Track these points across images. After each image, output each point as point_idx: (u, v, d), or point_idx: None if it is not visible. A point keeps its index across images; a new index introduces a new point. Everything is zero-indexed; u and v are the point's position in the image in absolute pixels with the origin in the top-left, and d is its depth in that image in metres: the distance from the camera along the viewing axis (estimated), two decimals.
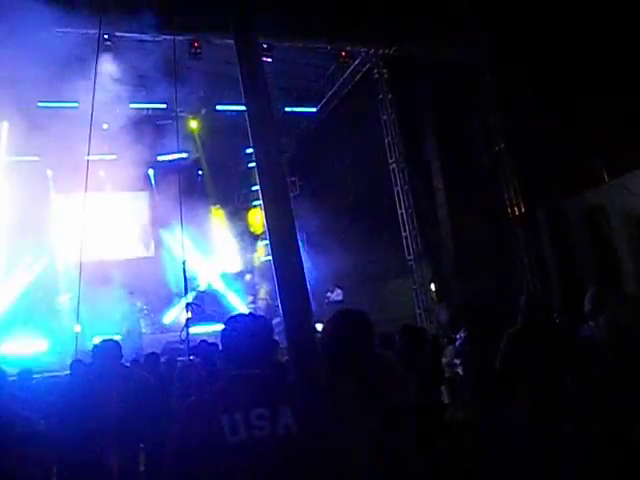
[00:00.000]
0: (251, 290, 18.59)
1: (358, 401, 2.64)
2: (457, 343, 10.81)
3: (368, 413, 2.63)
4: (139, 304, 15.91)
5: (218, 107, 18.10)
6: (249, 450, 2.37)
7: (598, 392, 4.35)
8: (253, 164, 13.80)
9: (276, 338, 3.81)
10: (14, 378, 6.87)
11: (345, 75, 17.72)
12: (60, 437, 4.79)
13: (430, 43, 15.81)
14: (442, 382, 8.40)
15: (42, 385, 7.70)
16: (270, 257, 2.59)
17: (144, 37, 14.69)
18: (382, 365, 2.92)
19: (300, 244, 2.83)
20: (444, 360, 10.91)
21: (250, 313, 2.90)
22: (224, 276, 19.08)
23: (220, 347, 2.84)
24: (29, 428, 3.61)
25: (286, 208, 2.75)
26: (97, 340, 5.72)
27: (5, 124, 16.79)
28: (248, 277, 19.51)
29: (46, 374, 10.41)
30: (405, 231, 16.04)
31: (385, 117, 16.55)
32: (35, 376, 8.50)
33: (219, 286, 18.66)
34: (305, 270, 2.79)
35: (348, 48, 16.87)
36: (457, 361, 11.80)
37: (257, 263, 20.02)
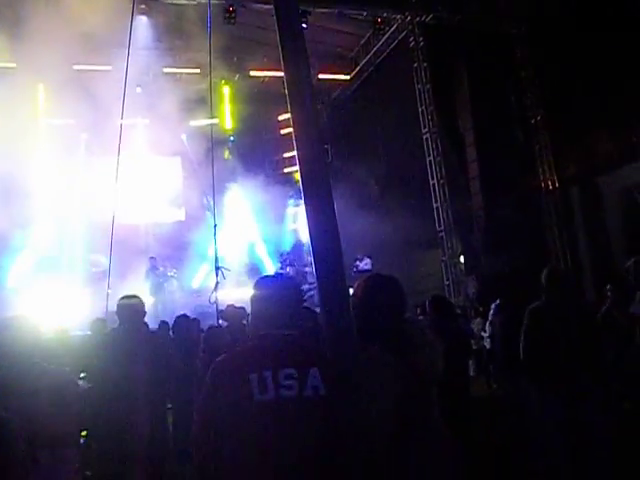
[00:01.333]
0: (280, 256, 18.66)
1: (384, 366, 2.64)
2: (489, 315, 10.81)
3: (393, 379, 2.63)
4: (162, 269, 16.02)
5: (252, 73, 18.01)
6: (276, 409, 2.39)
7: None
8: (285, 130, 13.72)
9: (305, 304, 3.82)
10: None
11: (380, 43, 17.49)
12: (93, 397, 4.85)
13: (466, 11, 15.54)
14: (469, 355, 8.38)
15: (75, 343, 7.79)
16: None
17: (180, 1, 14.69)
18: (412, 331, 2.91)
19: None
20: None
21: (280, 274, 2.91)
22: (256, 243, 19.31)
23: (249, 308, 2.84)
24: (74, 387, 3.67)
25: (323, 175, 2.73)
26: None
27: (41, 86, 16.89)
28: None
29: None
30: (436, 202, 15.93)
31: (420, 86, 16.34)
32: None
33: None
34: None
35: (384, 15, 16.67)
36: (485, 334, 11.82)
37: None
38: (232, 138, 19.04)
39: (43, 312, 12.67)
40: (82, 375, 5.52)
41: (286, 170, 19.60)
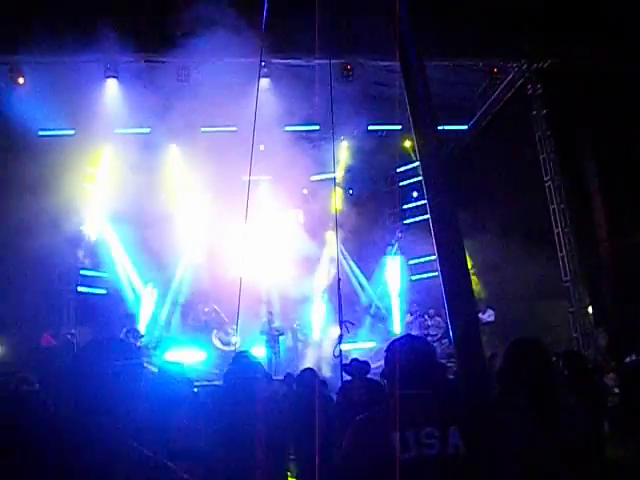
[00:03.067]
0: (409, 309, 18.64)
1: (533, 423, 2.61)
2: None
3: (542, 438, 2.59)
4: (277, 323, 16.40)
5: (370, 127, 18.37)
6: (419, 467, 2.41)
7: None
8: (404, 182, 13.84)
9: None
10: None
11: (497, 92, 17.38)
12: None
13: (587, 56, 15.15)
14: (606, 414, 7.89)
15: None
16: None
17: (299, 62, 15.34)
18: (559, 388, 2.87)
19: None
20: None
21: (410, 335, 2.95)
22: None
23: (384, 367, 2.88)
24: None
25: (455, 231, 2.79)
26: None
27: (173, 147, 18.08)
28: None
29: (204, 382, 10.96)
30: (562, 251, 15.41)
31: (540, 133, 16.05)
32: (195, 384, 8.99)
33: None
34: None
35: (500, 64, 16.60)
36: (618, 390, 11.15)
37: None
38: (351, 192, 19.37)
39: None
40: None
41: (407, 222, 19.72)
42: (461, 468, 2.44)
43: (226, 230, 17.76)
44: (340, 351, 7.62)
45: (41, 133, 16.27)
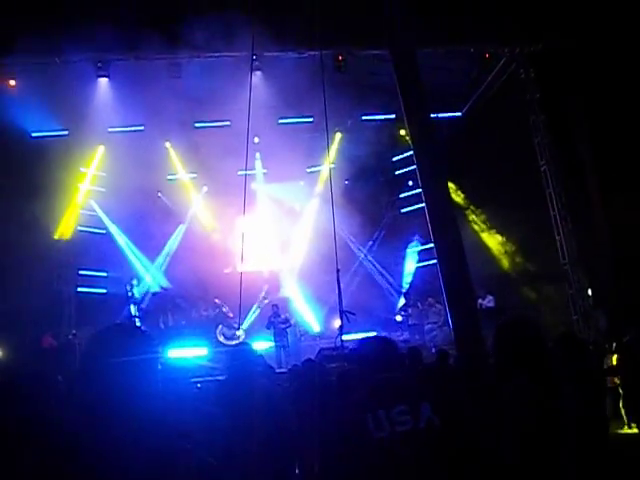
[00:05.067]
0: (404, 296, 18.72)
1: (527, 398, 2.64)
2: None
3: (533, 414, 2.61)
4: (283, 316, 16.44)
5: (364, 117, 18.36)
6: (394, 444, 2.48)
7: None
8: (400, 171, 13.84)
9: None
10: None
11: (490, 77, 17.35)
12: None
13: (576, 35, 15.10)
14: (606, 394, 7.93)
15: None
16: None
17: (290, 55, 15.30)
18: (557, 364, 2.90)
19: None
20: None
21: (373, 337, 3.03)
22: None
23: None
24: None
25: (451, 219, 2.80)
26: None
27: (167, 143, 18.11)
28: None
29: (208, 378, 10.97)
30: (559, 235, 15.43)
31: (533, 117, 16.06)
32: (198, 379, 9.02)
33: None
34: None
35: (491, 49, 16.56)
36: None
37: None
38: (346, 181, 19.34)
39: None
40: None
41: (403, 210, 19.75)
42: (435, 441, 2.49)
43: (224, 224, 17.86)
44: (342, 341, 7.66)
45: (35, 135, 16.25)
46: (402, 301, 18.48)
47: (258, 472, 4.48)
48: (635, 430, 9.42)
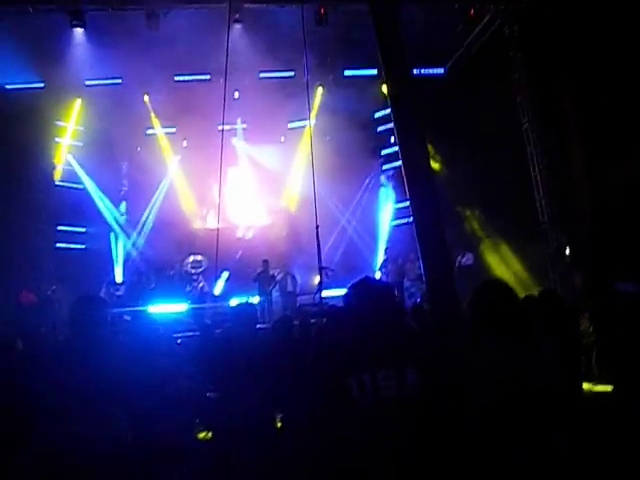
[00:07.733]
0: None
1: (500, 354, 2.63)
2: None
3: (507, 374, 2.61)
4: (272, 272, 16.40)
5: (346, 72, 18.11)
6: (379, 410, 2.45)
7: None
8: (382, 127, 13.77)
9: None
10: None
11: (474, 33, 17.14)
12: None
13: None
14: (581, 352, 8.06)
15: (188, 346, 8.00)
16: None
17: (271, 7, 14.96)
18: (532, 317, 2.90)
19: None
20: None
21: (372, 278, 2.92)
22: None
23: (345, 311, 2.89)
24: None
25: (427, 173, 2.76)
26: (234, 302, 5.79)
27: (146, 97, 17.83)
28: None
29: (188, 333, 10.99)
30: (539, 194, 15.48)
31: (517, 75, 15.96)
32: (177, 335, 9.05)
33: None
34: None
35: (476, 5, 16.33)
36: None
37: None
38: (328, 137, 19.16)
39: None
40: None
41: (385, 167, 19.68)
42: (420, 407, 2.47)
43: (203, 179, 17.74)
44: (320, 298, 7.68)
45: (9, 87, 15.86)
46: (382, 257, 18.49)
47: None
48: (606, 387, 9.61)
